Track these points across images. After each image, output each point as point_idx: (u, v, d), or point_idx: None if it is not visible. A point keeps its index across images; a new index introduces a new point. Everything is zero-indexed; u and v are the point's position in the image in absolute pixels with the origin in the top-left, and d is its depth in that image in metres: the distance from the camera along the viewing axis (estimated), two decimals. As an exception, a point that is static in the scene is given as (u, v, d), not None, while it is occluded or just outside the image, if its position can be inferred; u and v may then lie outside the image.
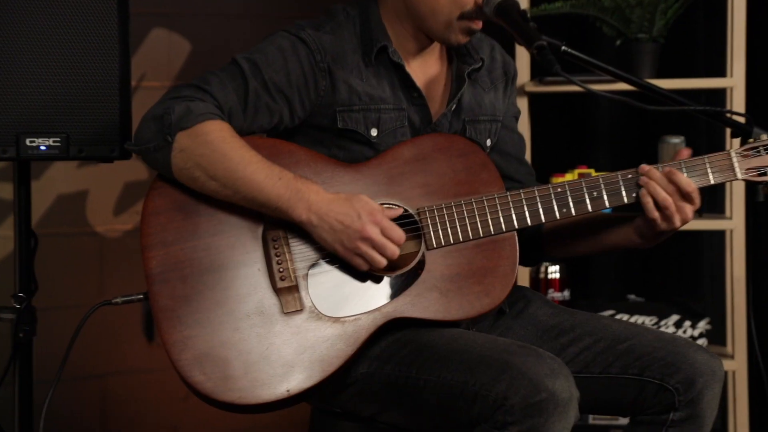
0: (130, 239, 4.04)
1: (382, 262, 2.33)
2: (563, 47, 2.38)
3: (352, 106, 2.46)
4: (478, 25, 2.47)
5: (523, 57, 3.89)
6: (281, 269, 2.35)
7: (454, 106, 2.55)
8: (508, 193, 2.44)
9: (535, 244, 2.66)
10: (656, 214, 2.41)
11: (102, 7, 2.71)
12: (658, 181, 2.41)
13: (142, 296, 2.40)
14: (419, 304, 2.38)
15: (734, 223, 3.83)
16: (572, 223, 2.58)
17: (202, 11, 4.20)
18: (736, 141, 2.50)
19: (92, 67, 2.72)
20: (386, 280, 2.38)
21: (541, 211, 2.43)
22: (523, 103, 3.84)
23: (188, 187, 2.36)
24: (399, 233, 2.33)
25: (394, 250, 2.33)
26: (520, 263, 2.54)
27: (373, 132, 2.47)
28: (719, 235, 4.12)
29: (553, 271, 4.16)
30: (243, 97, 2.40)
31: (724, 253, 3.96)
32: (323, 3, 2.65)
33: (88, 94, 2.71)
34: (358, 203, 2.32)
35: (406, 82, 2.51)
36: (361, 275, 2.38)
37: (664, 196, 2.40)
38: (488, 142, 2.62)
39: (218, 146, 2.32)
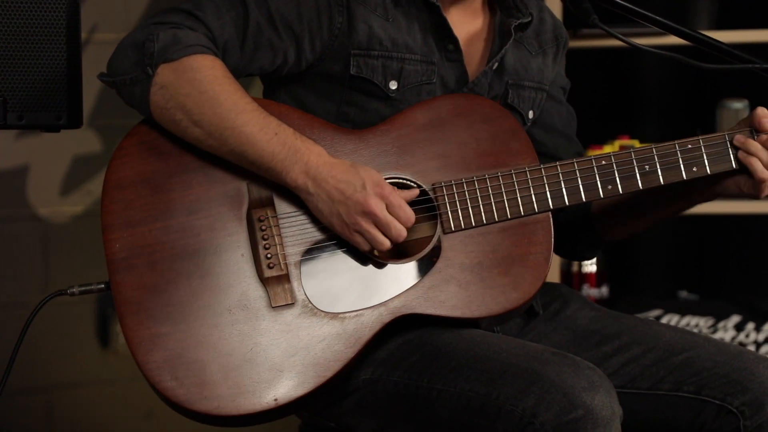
0: (81, 224, 4.04)
1: (385, 243, 2.34)
2: (602, -7, 2.38)
3: (370, 50, 2.46)
4: None
5: (553, 5, 3.88)
6: (269, 255, 2.36)
7: (497, 64, 2.55)
8: (541, 166, 2.44)
9: (585, 227, 2.66)
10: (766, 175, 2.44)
11: (46, -56, 2.71)
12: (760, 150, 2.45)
13: (103, 286, 2.40)
14: (434, 298, 2.38)
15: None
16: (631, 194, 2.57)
17: (167, -51, 4.19)
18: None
19: (33, 17, 2.71)
20: (395, 269, 2.39)
21: (581, 187, 2.44)
22: (553, 61, 3.84)
23: (159, 150, 2.36)
24: (408, 213, 2.34)
25: (401, 231, 2.34)
26: (570, 258, 2.54)
27: (392, 85, 2.47)
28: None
29: (589, 264, 4.16)
30: (242, 29, 2.40)
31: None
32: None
33: (29, 49, 2.70)
34: (365, 172, 2.34)
35: (441, 29, 2.50)
36: (365, 263, 2.39)
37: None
38: (531, 114, 2.63)
39: (207, 86, 2.32)
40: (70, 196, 4.07)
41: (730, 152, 2.46)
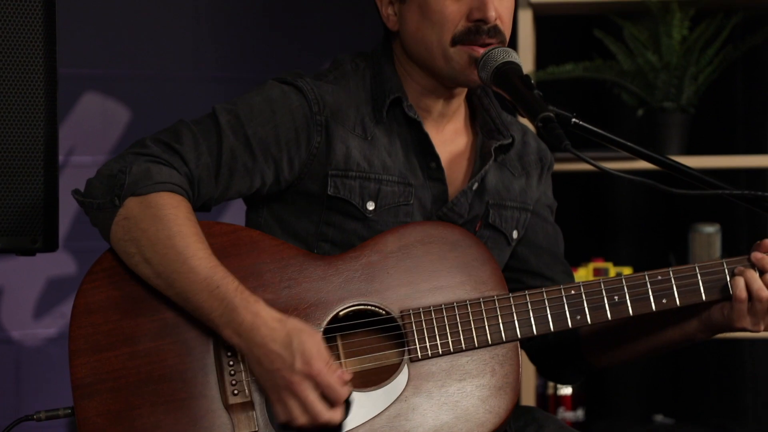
0: (54, 347, 4.02)
1: (300, 419, 2.31)
2: (574, 119, 2.40)
3: (348, 171, 2.49)
4: (479, 51, 2.49)
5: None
6: (234, 381, 2.35)
7: (477, 184, 2.58)
8: (510, 295, 2.45)
9: (573, 352, 2.66)
10: (744, 294, 2.43)
11: (25, 68, 2.72)
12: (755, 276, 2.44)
13: (70, 411, 2.39)
14: (399, 427, 2.37)
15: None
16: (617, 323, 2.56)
17: (143, 73, 4.23)
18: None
19: (11, 139, 2.72)
20: (361, 397, 2.38)
21: (549, 317, 2.44)
22: (527, 185, 3.87)
23: (130, 274, 2.37)
24: (337, 393, 2.31)
25: (319, 416, 2.30)
26: (556, 381, 2.52)
27: (370, 205, 2.50)
28: (762, 344, 4.14)
29: (565, 386, 4.16)
30: (216, 158, 2.43)
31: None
32: (285, 65, 2.69)
33: (6, 172, 2.71)
34: (299, 343, 2.30)
35: (423, 146, 2.54)
36: None
37: (760, 285, 2.43)
38: (515, 234, 2.65)
39: (165, 226, 2.34)
40: (43, 318, 4.06)
41: (701, 284, 2.47)
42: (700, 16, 4.07)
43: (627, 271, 4.01)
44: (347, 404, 2.34)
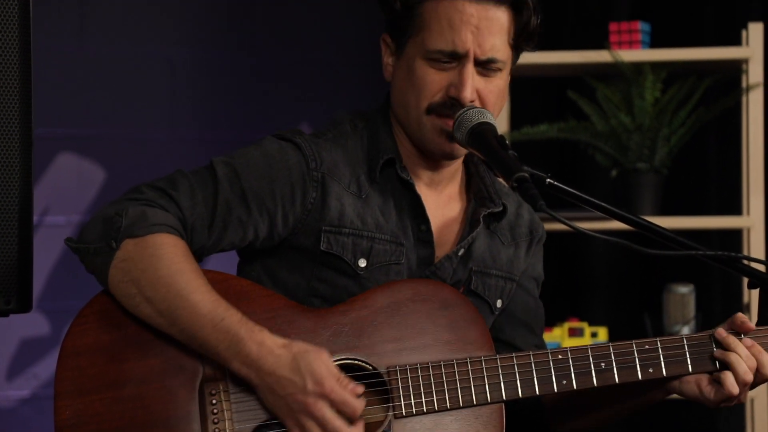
0: (27, 409, 4.00)
1: None
2: (548, 179, 2.42)
3: (341, 228, 2.51)
4: (451, 125, 2.49)
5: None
6: (217, 430, 2.35)
7: (463, 250, 2.59)
8: (497, 357, 2.45)
9: (537, 418, 2.66)
10: (737, 390, 2.43)
11: (0, 128, 2.73)
12: (743, 357, 2.43)
13: None
14: (381, 483, 2.38)
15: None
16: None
17: (119, 133, 4.23)
18: (755, 293, 2.53)
19: (-15, 201, 2.72)
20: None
21: (535, 380, 2.44)
22: (502, 245, 3.88)
23: (119, 319, 2.37)
24: (353, 407, 2.33)
25: (340, 429, 2.31)
26: None
27: (362, 262, 2.51)
28: (737, 407, 4.13)
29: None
30: (211, 209, 2.45)
31: (744, 428, 3.96)
32: (262, 127, 2.69)
33: (-20, 232, 2.71)
34: (307, 365, 2.32)
35: (415, 208, 2.56)
36: None
37: (745, 369, 2.43)
38: (499, 303, 2.66)
39: (165, 264, 2.35)
40: (16, 380, 4.04)
41: (688, 356, 2.47)
42: (672, 78, 4.11)
43: (602, 331, 4.01)
44: None
